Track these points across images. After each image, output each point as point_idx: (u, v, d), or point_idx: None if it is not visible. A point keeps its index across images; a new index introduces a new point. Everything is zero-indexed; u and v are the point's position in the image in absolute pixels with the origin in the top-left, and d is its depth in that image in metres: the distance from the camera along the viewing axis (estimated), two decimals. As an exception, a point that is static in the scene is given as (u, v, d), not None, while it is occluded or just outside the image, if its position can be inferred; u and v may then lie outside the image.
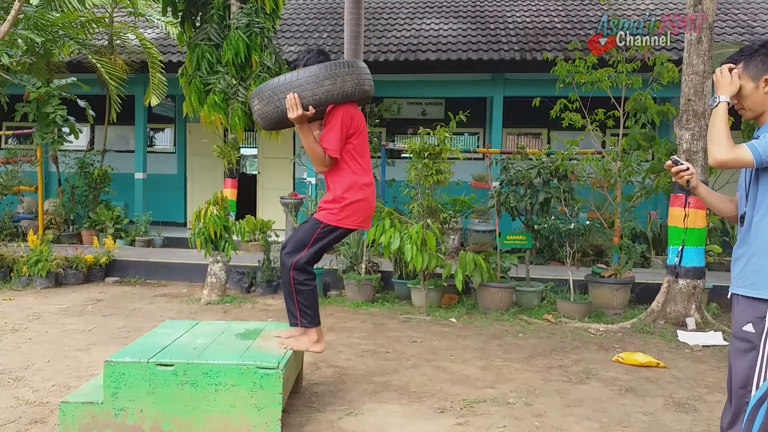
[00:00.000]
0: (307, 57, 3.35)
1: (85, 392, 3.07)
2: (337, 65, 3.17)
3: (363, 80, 3.25)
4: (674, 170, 2.46)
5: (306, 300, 3.27)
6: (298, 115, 3.14)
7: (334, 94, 3.15)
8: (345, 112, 3.23)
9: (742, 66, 2.32)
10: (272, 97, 3.19)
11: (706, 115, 5.70)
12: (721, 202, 2.57)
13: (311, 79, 3.12)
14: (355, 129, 3.28)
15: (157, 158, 12.01)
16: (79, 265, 7.29)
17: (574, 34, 10.34)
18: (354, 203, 3.28)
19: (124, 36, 10.51)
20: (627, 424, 3.41)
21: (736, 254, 2.38)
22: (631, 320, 5.75)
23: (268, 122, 3.33)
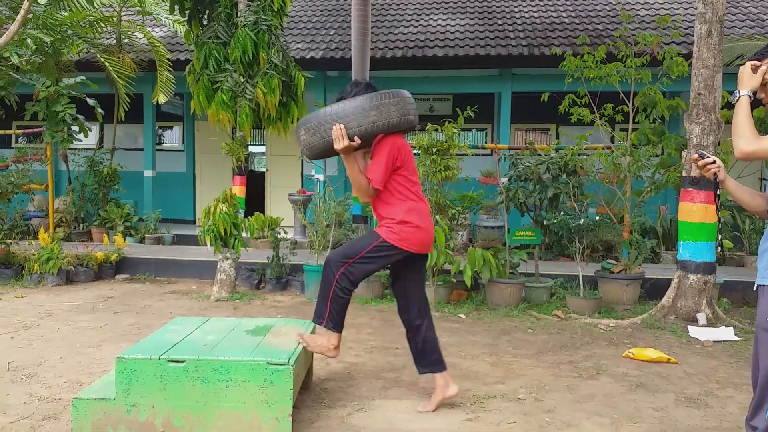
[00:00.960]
0: (355, 90, 3.37)
1: (97, 388, 3.09)
2: (382, 96, 3.19)
3: (408, 110, 3.27)
4: (701, 163, 2.45)
5: (339, 306, 3.27)
6: (345, 146, 3.16)
7: (380, 125, 3.17)
8: (392, 145, 3.24)
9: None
10: (318, 128, 3.22)
11: (717, 109, 5.66)
12: (749, 196, 2.54)
13: (357, 110, 3.15)
14: (402, 161, 3.28)
15: (166, 156, 12.06)
16: (90, 262, 7.34)
17: (583, 29, 10.29)
18: (416, 228, 3.27)
19: (132, 34, 10.55)
20: (638, 419, 3.40)
21: (762, 247, 2.36)
22: (642, 316, 5.72)
23: (314, 152, 3.35)
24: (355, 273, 3.25)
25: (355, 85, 3.41)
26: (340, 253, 3.30)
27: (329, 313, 3.27)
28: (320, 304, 3.31)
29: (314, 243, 6.91)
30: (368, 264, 3.27)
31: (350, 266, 3.23)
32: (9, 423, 3.18)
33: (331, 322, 3.29)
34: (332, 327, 3.31)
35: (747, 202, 2.56)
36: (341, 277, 3.23)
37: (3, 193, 8.51)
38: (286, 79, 6.54)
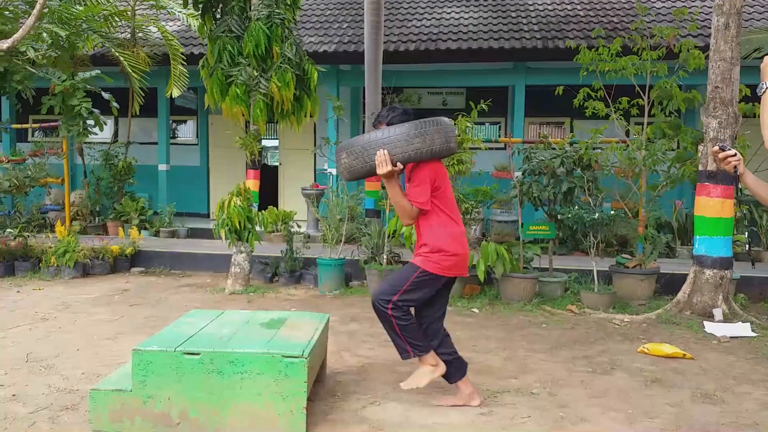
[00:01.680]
0: (392, 115, 3.41)
1: (114, 380, 3.13)
2: (426, 123, 3.25)
3: (450, 138, 3.31)
4: (721, 156, 2.40)
5: (411, 333, 3.29)
6: (388, 171, 3.21)
7: (424, 152, 3.23)
8: (431, 168, 3.29)
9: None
10: (362, 153, 3.28)
11: (734, 102, 5.60)
12: (766, 190, 2.51)
13: (402, 137, 3.21)
14: (440, 182, 3.33)
15: (180, 150, 12.13)
16: (106, 255, 7.41)
17: (598, 21, 10.20)
18: (453, 255, 3.30)
19: (146, 29, 10.60)
20: (653, 415, 3.38)
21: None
22: (657, 311, 5.68)
23: (353, 176, 3.42)
24: (402, 307, 3.29)
25: (392, 110, 3.46)
26: (383, 291, 3.32)
27: (408, 343, 3.31)
28: (396, 341, 3.35)
29: (327, 237, 6.92)
30: (411, 296, 3.30)
31: (394, 303, 3.26)
32: (28, 413, 3.23)
33: (416, 349, 3.32)
34: (419, 353, 3.33)
35: (763, 196, 2.50)
36: (394, 315, 3.26)
37: (20, 187, 8.62)
38: (299, 73, 6.54)
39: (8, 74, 7.41)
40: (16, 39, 5.70)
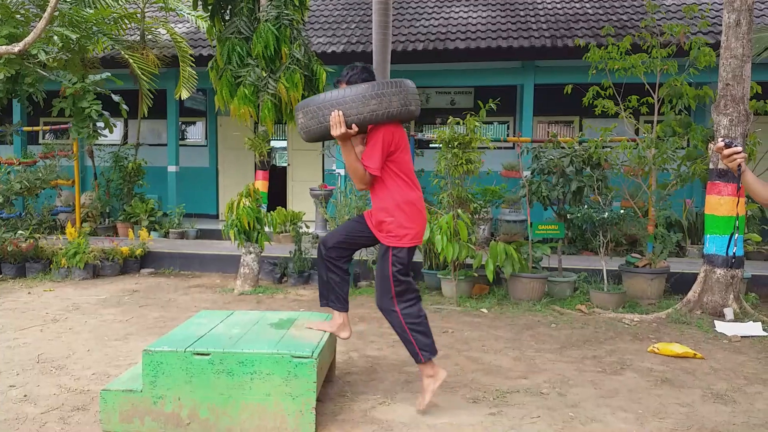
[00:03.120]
0: (351, 73, 3.32)
1: (124, 380, 3.15)
2: (384, 85, 3.14)
3: (409, 100, 3.20)
4: (727, 152, 2.33)
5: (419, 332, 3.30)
6: (342, 133, 3.13)
7: (380, 114, 3.12)
8: (386, 131, 3.20)
9: None
10: (317, 112, 3.19)
11: (745, 100, 5.55)
12: (764, 189, 2.46)
13: (357, 98, 3.10)
14: (396, 146, 3.23)
15: (190, 151, 12.18)
16: (116, 257, 7.46)
17: (607, 19, 10.14)
18: (407, 219, 3.25)
19: (155, 31, 10.65)
20: (663, 415, 3.36)
21: None
22: (667, 310, 5.65)
23: (310, 136, 3.34)
24: (404, 297, 3.29)
25: (351, 68, 3.35)
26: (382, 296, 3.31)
27: (417, 345, 3.29)
28: (408, 346, 3.34)
29: (336, 237, 6.92)
30: (404, 279, 3.28)
31: (397, 297, 3.27)
32: (39, 413, 3.25)
33: (424, 350, 3.30)
34: (428, 354, 3.32)
35: (760, 192, 2.45)
36: (404, 311, 3.27)
37: (31, 189, 8.68)
38: (308, 74, 6.55)
39: (20, 77, 7.48)
40: (27, 42, 5.75)
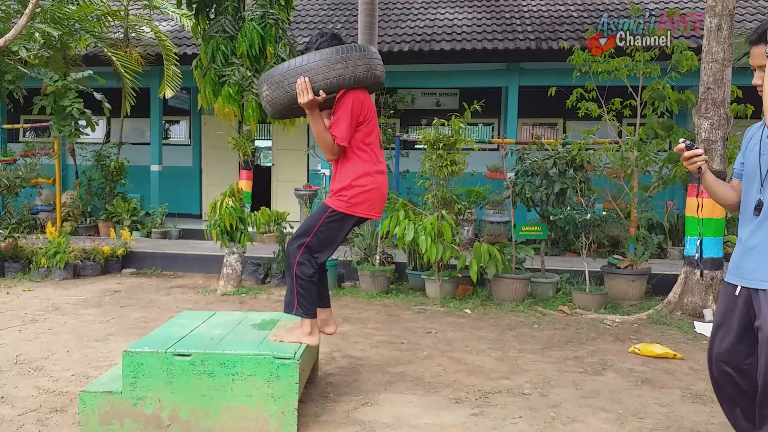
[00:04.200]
0: (320, 40, 3.24)
1: (104, 382, 3.11)
2: (348, 49, 3.08)
3: (374, 65, 3.16)
4: (688, 154, 2.32)
5: (304, 291, 3.19)
6: (309, 100, 3.05)
7: (346, 78, 3.06)
8: (355, 99, 3.14)
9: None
10: (282, 82, 3.11)
11: (726, 103, 5.62)
12: (724, 190, 2.48)
13: (323, 62, 3.03)
14: (365, 117, 3.18)
15: (173, 150, 12.09)
16: (97, 256, 7.38)
17: (591, 22, 10.22)
18: (365, 191, 3.19)
19: (139, 29, 10.57)
20: (643, 415, 3.39)
21: (750, 244, 2.28)
22: (648, 311, 5.70)
23: (277, 108, 3.24)
24: (313, 252, 3.17)
25: (321, 35, 3.29)
26: (295, 234, 3.24)
27: (297, 300, 3.19)
28: (288, 292, 3.25)
29: (320, 237, 6.90)
30: (324, 239, 3.19)
31: (307, 246, 3.16)
32: (17, 415, 3.21)
33: (301, 308, 3.20)
34: (302, 313, 3.21)
35: (723, 196, 2.47)
36: (300, 261, 3.15)
37: (11, 187, 8.57)
38: (292, 74, 6.52)
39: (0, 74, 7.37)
40: (8, 38, 5.67)
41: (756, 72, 2.25)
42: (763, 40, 2.21)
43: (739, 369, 2.38)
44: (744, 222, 2.35)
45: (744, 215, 2.36)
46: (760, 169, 2.28)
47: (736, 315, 2.34)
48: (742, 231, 2.36)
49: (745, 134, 2.51)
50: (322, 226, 3.19)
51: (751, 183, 2.32)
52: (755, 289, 2.25)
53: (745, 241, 2.31)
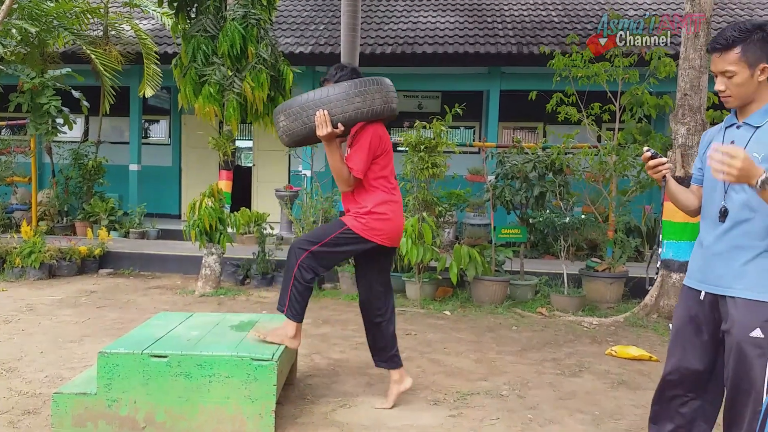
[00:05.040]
0: (339, 74, 3.28)
1: (78, 383, 3.06)
2: (366, 82, 3.13)
3: (391, 98, 3.21)
4: (652, 163, 2.32)
5: (299, 295, 3.18)
6: (328, 132, 3.08)
7: (364, 111, 3.11)
8: (374, 133, 3.18)
9: (740, 51, 2.18)
10: (300, 113, 3.14)
11: (702, 109, 5.71)
12: (686, 197, 2.49)
13: (341, 96, 3.08)
14: (382, 150, 3.22)
15: (152, 150, 11.97)
16: (73, 256, 7.27)
17: (572, 27, 10.33)
18: (384, 220, 3.20)
19: (119, 27, 10.44)
20: (619, 416, 3.43)
21: (716, 250, 2.28)
22: (625, 314, 5.77)
23: (293, 139, 3.26)
24: (317, 260, 3.17)
25: (340, 69, 3.31)
26: (304, 238, 3.23)
27: (289, 301, 3.17)
28: (282, 291, 3.23)
29: (300, 239, 6.87)
30: (331, 252, 3.18)
31: (312, 253, 3.14)
32: (-12, 417, 3.15)
33: (291, 311, 3.18)
34: (291, 316, 3.19)
35: (685, 203, 2.49)
36: (302, 264, 3.13)
37: (-15, 185, 8.41)
38: (274, 74, 6.50)
39: (-26, 70, 7.25)
40: (-18, 34, 5.58)
41: (718, 78, 2.28)
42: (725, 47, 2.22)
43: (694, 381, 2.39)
44: (707, 227, 2.34)
45: (707, 221, 2.36)
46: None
47: (700, 320, 2.35)
48: (705, 236, 2.35)
49: (703, 138, 2.51)
50: (333, 239, 3.18)
51: (713, 189, 2.33)
52: (722, 295, 2.27)
53: (709, 246, 2.31)
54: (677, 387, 2.43)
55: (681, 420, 2.45)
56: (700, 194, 2.47)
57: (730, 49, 2.20)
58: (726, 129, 2.36)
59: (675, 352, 2.43)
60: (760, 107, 2.25)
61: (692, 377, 2.39)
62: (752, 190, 2.08)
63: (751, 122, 2.26)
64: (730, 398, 2.26)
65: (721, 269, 2.26)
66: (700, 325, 2.35)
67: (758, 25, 2.20)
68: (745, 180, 2.00)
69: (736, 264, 2.23)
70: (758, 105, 2.25)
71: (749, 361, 2.17)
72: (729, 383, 2.25)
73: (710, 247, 2.31)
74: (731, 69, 2.20)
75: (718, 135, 2.40)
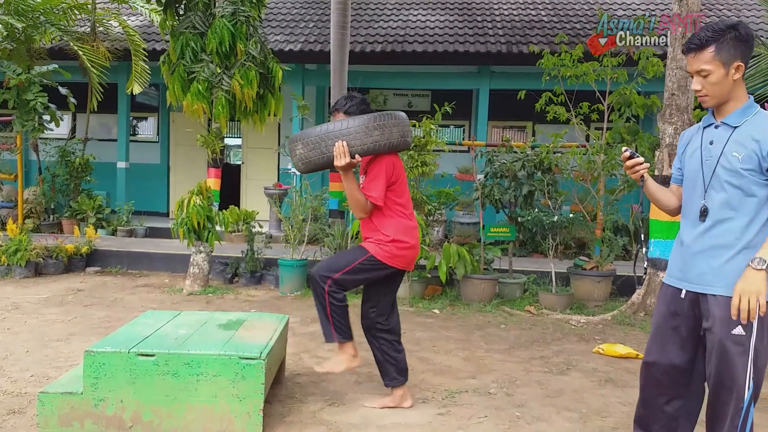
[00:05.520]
0: (350, 104, 3.37)
1: (64, 382, 3.04)
2: (384, 116, 3.24)
3: (406, 132, 3.31)
4: (630, 163, 2.37)
5: (339, 315, 3.28)
6: (346, 163, 3.16)
7: (382, 144, 3.22)
8: (388, 162, 3.27)
9: (714, 50, 2.23)
10: (319, 143, 3.23)
11: (689, 109, 5.75)
12: (666, 197, 2.52)
13: (361, 128, 3.18)
14: (396, 177, 3.32)
15: (140, 147, 11.88)
16: (60, 254, 7.21)
17: (561, 27, 10.37)
18: (406, 248, 3.29)
19: (106, 23, 10.36)
20: (606, 414, 3.45)
21: (696, 248, 2.31)
22: (612, 312, 5.81)
23: (309, 167, 3.36)
24: (340, 285, 3.27)
25: (350, 99, 3.41)
26: (325, 266, 3.30)
27: (334, 327, 3.27)
28: (323, 322, 3.32)
29: (289, 237, 6.87)
30: (354, 278, 3.29)
31: (335, 280, 3.24)
32: (-28, 417, 3.12)
33: (340, 334, 3.28)
34: (343, 338, 3.30)
35: (664, 202, 2.52)
36: (330, 291, 3.24)
37: (-30, 183, 8.32)
38: (263, 71, 6.47)
39: (-41, 66, 7.17)
40: (-34, 29, 5.51)
41: (694, 78, 2.31)
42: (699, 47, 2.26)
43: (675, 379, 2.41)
44: (687, 227, 2.37)
45: (687, 220, 2.38)
46: (703, 175, 2.31)
47: (680, 318, 2.37)
48: (685, 235, 2.37)
49: (681, 138, 2.53)
50: (357, 266, 3.27)
51: (693, 188, 2.35)
52: (703, 293, 2.29)
53: (689, 245, 2.33)
54: (659, 385, 2.45)
55: (664, 419, 2.47)
56: (680, 194, 2.50)
57: (704, 48, 2.25)
58: (704, 129, 2.38)
59: (654, 350, 2.45)
60: (737, 107, 2.28)
61: (673, 374, 2.41)
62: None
63: (729, 122, 2.29)
64: (713, 396, 2.28)
65: (701, 267, 2.29)
66: (680, 323, 2.37)
67: (731, 25, 2.26)
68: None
69: (716, 262, 2.26)
70: (735, 104, 2.29)
71: (731, 358, 2.19)
72: (711, 381, 2.27)
73: (691, 246, 2.34)
74: (706, 68, 2.25)
75: (696, 135, 2.42)
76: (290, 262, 6.53)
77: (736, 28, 2.23)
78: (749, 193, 2.21)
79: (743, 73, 2.27)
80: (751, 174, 2.20)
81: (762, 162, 2.18)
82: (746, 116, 2.26)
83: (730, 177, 2.23)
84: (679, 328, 2.38)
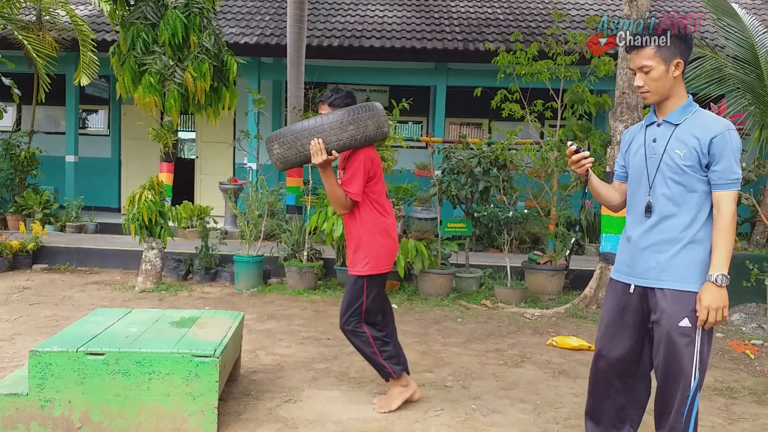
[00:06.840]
0: (335, 96, 3.33)
1: (8, 384, 2.93)
2: (359, 110, 3.21)
3: (382, 123, 3.29)
4: (576, 157, 2.41)
5: (385, 348, 3.28)
6: (323, 160, 3.14)
7: (358, 138, 3.20)
8: (366, 157, 3.25)
9: (655, 47, 2.31)
10: (295, 142, 3.20)
11: (639, 108, 5.91)
12: (607, 192, 2.58)
13: (335, 124, 3.15)
14: (374, 172, 3.30)
15: (90, 141, 11.53)
16: (4, 251, 6.94)
17: (516, 26, 10.52)
18: (387, 252, 3.30)
19: (53, 12, 9.99)
20: (559, 405, 3.52)
21: (643, 244, 2.36)
22: (565, 305, 5.93)
23: (287, 165, 3.34)
24: (369, 317, 3.29)
25: (336, 91, 3.38)
26: (347, 316, 3.28)
27: (387, 364, 3.28)
28: (375, 365, 3.32)
29: (245, 233, 6.77)
30: (372, 306, 3.29)
31: (363, 321, 3.27)
32: None
33: (393, 369, 3.29)
34: (399, 371, 3.31)
35: (607, 198, 2.58)
36: (368, 332, 3.26)
37: None
38: (217, 64, 6.36)
39: None
40: None
41: (636, 75, 2.38)
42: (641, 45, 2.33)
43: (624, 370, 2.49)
44: (633, 223, 2.43)
45: (633, 216, 2.45)
46: (647, 172, 2.37)
47: (629, 312, 2.43)
48: (632, 231, 2.43)
49: (624, 135, 2.60)
50: (366, 295, 3.26)
51: (638, 185, 2.41)
52: (651, 287, 2.35)
53: (636, 241, 2.39)
54: (608, 377, 2.52)
55: (614, 409, 2.54)
56: (622, 190, 2.57)
57: (645, 45, 2.32)
58: (647, 127, 2.45)
59: (604, 343, 2.51)
60: (678, 105, 2.36)
61: (621, 366, 2.48)
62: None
63: (671, 120, 2.36)
64: (661, 385, 2.35)
65: (649, 262, 2.35)
66: (628, 317, 2.44)
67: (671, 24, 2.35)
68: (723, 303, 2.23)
69: (663, 257, 2.32)
70: (675, 102, 2.36)
71: (678, 349, 2.27)
72: (659, 372, 2.34)
73: (638, 242, 2.40)
74: (648, 64, 2.32)
75: (639, 133, 2.49)
76: (246, 258, 6.45)
77: (676, 27, 2.32)
78: (691, 189, 2.29)
79: (683, 71, 2.34)
80: (693, 170, 2.27)
81: (702, 158, 2.26)
82: (686, 114, 2.34)
83: (673, 174, 2.30)
84: (627, 321, 2.44)
